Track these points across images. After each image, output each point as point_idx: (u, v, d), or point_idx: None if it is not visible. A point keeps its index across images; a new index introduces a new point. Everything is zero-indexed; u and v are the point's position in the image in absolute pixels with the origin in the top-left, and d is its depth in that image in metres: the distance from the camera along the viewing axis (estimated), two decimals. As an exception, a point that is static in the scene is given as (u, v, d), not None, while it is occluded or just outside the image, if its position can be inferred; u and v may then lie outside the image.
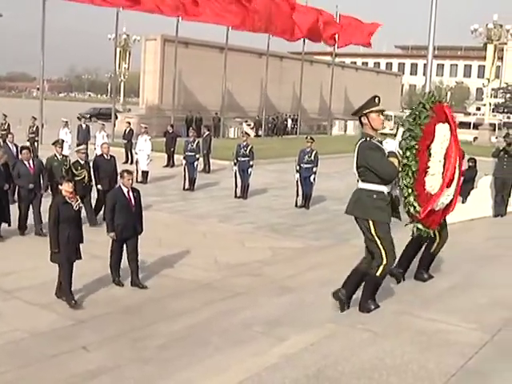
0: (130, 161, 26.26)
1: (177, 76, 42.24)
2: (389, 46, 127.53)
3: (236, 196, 20.00)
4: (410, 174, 7.63)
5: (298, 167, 18.70)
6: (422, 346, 5.75)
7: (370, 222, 7.06)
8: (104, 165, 15.39)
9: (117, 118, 41.35)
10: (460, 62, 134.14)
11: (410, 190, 7.65)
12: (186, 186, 21.25)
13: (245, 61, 50.91)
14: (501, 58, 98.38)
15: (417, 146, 7.67)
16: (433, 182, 7.83)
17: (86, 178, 14.83)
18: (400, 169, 7.37)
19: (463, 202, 15.36)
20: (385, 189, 7.14)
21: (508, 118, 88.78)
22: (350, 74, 69.57)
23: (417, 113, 7.93)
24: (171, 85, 41.82)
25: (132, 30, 58.03)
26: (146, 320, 8.47)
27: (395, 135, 7.79)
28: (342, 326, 6.33)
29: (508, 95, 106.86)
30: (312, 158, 18.62)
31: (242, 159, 20.13)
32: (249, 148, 20.29)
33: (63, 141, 18.11)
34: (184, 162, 21.69)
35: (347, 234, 14.06)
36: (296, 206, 18.65)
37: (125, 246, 10.47)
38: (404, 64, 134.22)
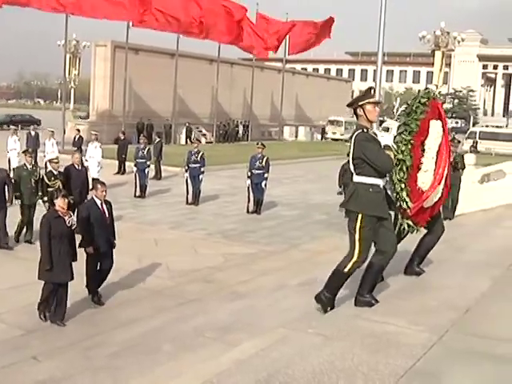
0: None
1: (127, 82, 42.00)
2: (339, 53, 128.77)
3: (187, 202, 19.98)
4: (404, 169, 7.62)
5: (249, 173, 18.76)
6: (371, 349, 5.81)
7: (359, 216, 6.96)
8: (75, 175, 14.85)
9: (66, 126, 40.80)
10: (409, 68, 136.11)
11: (402, 185, 7.63)
12: (137, 193, 21.15)
13: (196, 67, 50.86)
14: (448, 65, 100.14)
15: (412, 141, 7.65)
16: (425, 179, 7.83)
17: (60, 188, 13.92)
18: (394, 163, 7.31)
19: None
20: (380, 182, 7.06)
21: (456, 123, 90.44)
22: (301, 80, 69.96)
23: (413, 107, 7.90)
24: (122, 91, 41.55)
25: (82, 35, 57.50)
26: (97, 329, 8.41)
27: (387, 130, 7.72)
28: (293, 331, 6.37)
29: (456, 101, 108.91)
30: (263, 163, 18.71)
31: (193, 166, 20.12)
32: (200, 154, 20.29)
33: (34, 150, 17.62)
34: (135, 169, 21.58)
35: (298, 239, 14.19)
36: (247, 211, 18.70)
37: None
38: (354, 70, 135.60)
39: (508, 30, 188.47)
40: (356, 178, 7.12)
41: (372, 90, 7.37)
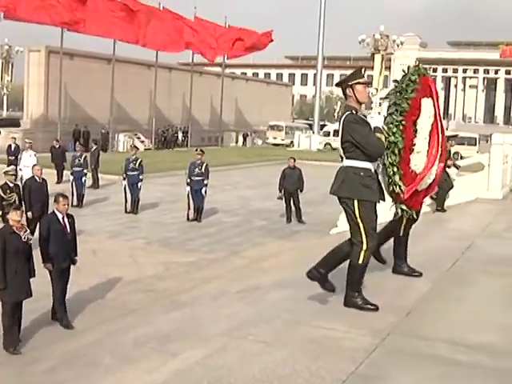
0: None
1: (63, 88, 41.50)
2: (279, 57, 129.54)
3: (126, 211, 19.84)
4: (396, 152, 7.44)
5: (188, 180, 18.77)
6: (313, 354, 5.89)
7: (355, 202, 6.84)
8: (36, 188, 14.44)
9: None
10: (349, 72, 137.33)
11: (395, 169, 7.47)
12: (74, 203, 20.83)
13: (133, 72, 50.56)
14: (388, 68, 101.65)
15: (404, 122, 7.48)
16: (418, 161, 7.68)
17: (17, 202, 13.59)
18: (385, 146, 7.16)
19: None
20: (371, 166, 6.94)
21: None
22: (241, 84, 70.12)
23: (403, 85, 7.71)
24: (57, 97, 41.04)
25: (15, 40, 56.59)
26: (34, 343, 8.29)
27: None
28: (234, 339, 6.42)
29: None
30: (202, 170, 18.74)
31: (132, 173, 20.01)
32: (138, 162, 20.18)
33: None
34: (71, 177, 21.32)
35: (239, 246, 14.25)
36: (188, 219, 18.69)
37: None
38: (294, 74, 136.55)
39: (447, 33, 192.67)
40: (346, 162, 7.01)
41: (362, 70, 7.31)
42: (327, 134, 60.32)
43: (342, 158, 7.10)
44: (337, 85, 7.39)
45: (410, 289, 8.08)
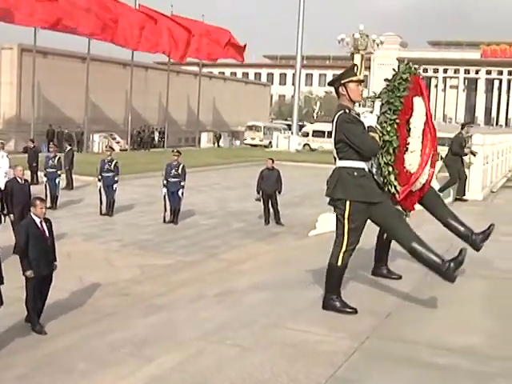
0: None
1: (36, 88, 41.27)
2: (257, 56, 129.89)
3: (101, 213, 19.77)
4: (391, 151, 7.43)
5: (165, 181, 18.75)
6: (291, 358, 5.91)
7: (347, 203, 6.84)
8: (19, 190, 14.14)
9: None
10: (328, 72, 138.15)
11: (390, 168, 7.44)
12: (48, 205, 20.73)
13: (108, 71, 50.44)
14: (368, 68, 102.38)
15: (398, 120, 7.47)
16: (412, 160, 7.67)
17: None
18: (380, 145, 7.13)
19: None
20: (365, 165, 6.91)
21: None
22: (218, 84, 70.22)
23: (395, 84, 7.69)
24: (30, 97, 40.80)
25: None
26: (6, 349, 8.22)
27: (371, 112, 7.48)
28: (211, 343, 6.42)
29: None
30: (179, 171, 18.73)
31: (107, 175, 19.95)
32: (113, 163, 20.13)
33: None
34: (45, 179, 21.21)
35: (216, 249, 14.27)
36: (164, 221, 18.66)
37: None
38: (273, 74, 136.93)
39: (427, 33, 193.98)
40: (339, 163, 7.00)
41: (355, 68, 7.27)
42: (306, 135, 60.56)
43: (335, 159, 7.11)
44: (329, 83, 7.36)
45: (389, 291, 8.13)
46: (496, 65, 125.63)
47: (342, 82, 7.05)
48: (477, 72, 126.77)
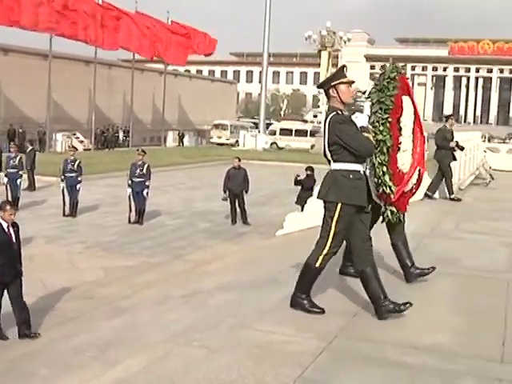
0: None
1: (-4, 86, 40.80)
2: (223, 53, 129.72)
3: (64, 214, 19.64)
4: (385, 151, 7.44)
5: (129, 181, 18.69)
6: (258, 359, 5.94)
7: (338, 205, 6.80)
8: None
9: None
10: (296, 69, 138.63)
11: (384, 169, 7.45)
12: (9, 206, 20.56)
13: (71, 69, 50.09)
14: (335, 65, 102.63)
15: (390, 119, 7.49)
16: (405, 159, 7.70)
17: None
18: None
19: (302, 211, 15.89)
20: (360, 168, 6.89)
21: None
22: (184, 82, 70.12)
23: (385, 83, 7.73)
24: (-10, 96, 40.37)
25: None
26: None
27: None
28: (177, 345, 6.42)
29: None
30: (144, 171, 18.68)
31: (70, 175, 19.82)
32: (77, 163, 20.00)
33: None
34: (6, 179, 21.00)
35: (182, 250, 14.25)
36: (129, 222, 18.60)
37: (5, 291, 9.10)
38: (239, 71, 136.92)
39: (394, 30, 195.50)
40: (334, 166, 6.94)
41: (345, 69, 7.24)
42: (273, 133, 60.70)
43: (329, 161, 7.05)
44: (319, 86, 7.33)
45: (356, 291, 8.17)
46: (464, 62, 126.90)
47: (333, 83, 7.02)
48: (444, 69, 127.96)
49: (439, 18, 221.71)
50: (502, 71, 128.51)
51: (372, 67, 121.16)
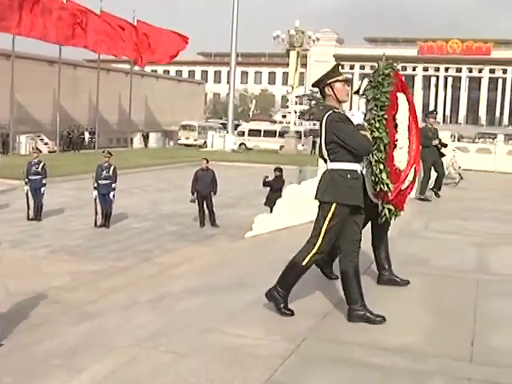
0: None
1: (-44, 87, 40.36)
2: (191, 53, 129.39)
3: (29, 218, 19.51)
4: (382, 148, 7.37)
5: (95, 184, 18.61)
6: (227, 363, 5.94)
7: (333, 205, 6.71)
8: None
9: None
10: (264, 69, 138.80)
11: (381, 166, 7.38)
12: (-28, 210, 20.41)
13: (35, 69, 49.69)
14: (304, 65, 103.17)
15: (386, 116, 7.46)
16: (401, 157, 7.65)
17: None
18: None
19: (271, 212, 15.92)
20: (358, 167, 6.83)
21: (314, 124, 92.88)
22: (151, 82, 69.86)
23: (379, 80, 7.68)
24: (-50, 97, 39.90)
25: None
26: None
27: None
28: (145, 350, 6.40)
29: (313, 102, 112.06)
30: (110, 173, 18.62)
31: (34, 177, 19.70)
32: (41, 165, 19.88)
33: None
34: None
35: (149, 253, 14.21)
36: (95, 225, 18.53)
37: None
38: (207, 72, 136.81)
39: (363, 29, 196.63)
40: (331, 165, 6.84)
41: (339, 67, 7.21)
42: (242, 134, 60.77)
43: (325, 161, 6.97)
44: (314, 84, 7.22)
45: (326, 291, 8.22)
46: (433, 61, 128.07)
47: (328, 82, 6.97)
48: (414, 69, 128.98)
49: (409, 18, 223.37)
50: (470, 70, 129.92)
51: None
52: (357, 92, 8.29)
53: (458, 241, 12.18)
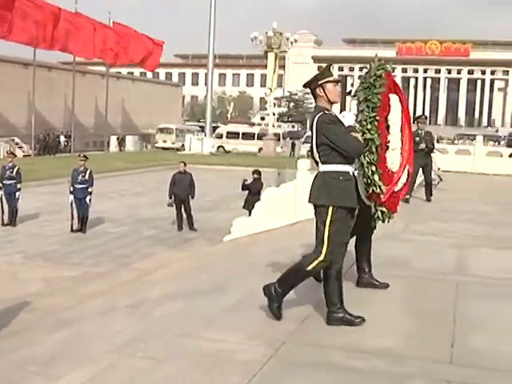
0: None
1: None
2: (168, 55, 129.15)
3: (3, 224, 19.42)
4: (374, 150, 7.36)
5: (71, 188, 18.55)
6: (205, 368, 5.95)
7: (330, 208, 6.67)
8: None
9: None
10: (242, 71, 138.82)
11: (373, 168, 7.37)
12: None
13: (8, 72, 49.40)
14: (283, 67, 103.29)
15: (377, 118, 7.44)
16: (394, 158, 7.65)
17: None
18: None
19: (249, 215, 15.95)
20: (350, 169, 6.81)
21: (293, 127, 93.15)
22: (127, 85, 69.64)
23: (371, 81, 7.71)
24: None
25: None
26: None
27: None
28: (122, 356, 6.40)
29: (291, 104, 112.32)
30: (86, 177, 18.58)
31: (8, 182, 19.62)
32: (15, 169, 19.79)
33: None
34: None
35: (127, 258, 14.18)
36: (71, 230, 18.47)
37: None
38: (184, 74, 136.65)
39: (341, 30, 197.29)
40: (322, 167, 6.83)
41: (331, 68, 7.20)
42: (220, 137, 60.74)
43: (317, 163, 6.97)
44: (305, 85, 7.19)
45: (306, 295, 8.25)
46: (411, 62, 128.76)
47: (319, 82, 6.95)
48: (393, 70, 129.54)
49: (387, 19, 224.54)
50: (449, 72, 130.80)
51: (319, 68, 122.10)
52: (349, 93, 8.36)
53: (437, 242, 12.28)
